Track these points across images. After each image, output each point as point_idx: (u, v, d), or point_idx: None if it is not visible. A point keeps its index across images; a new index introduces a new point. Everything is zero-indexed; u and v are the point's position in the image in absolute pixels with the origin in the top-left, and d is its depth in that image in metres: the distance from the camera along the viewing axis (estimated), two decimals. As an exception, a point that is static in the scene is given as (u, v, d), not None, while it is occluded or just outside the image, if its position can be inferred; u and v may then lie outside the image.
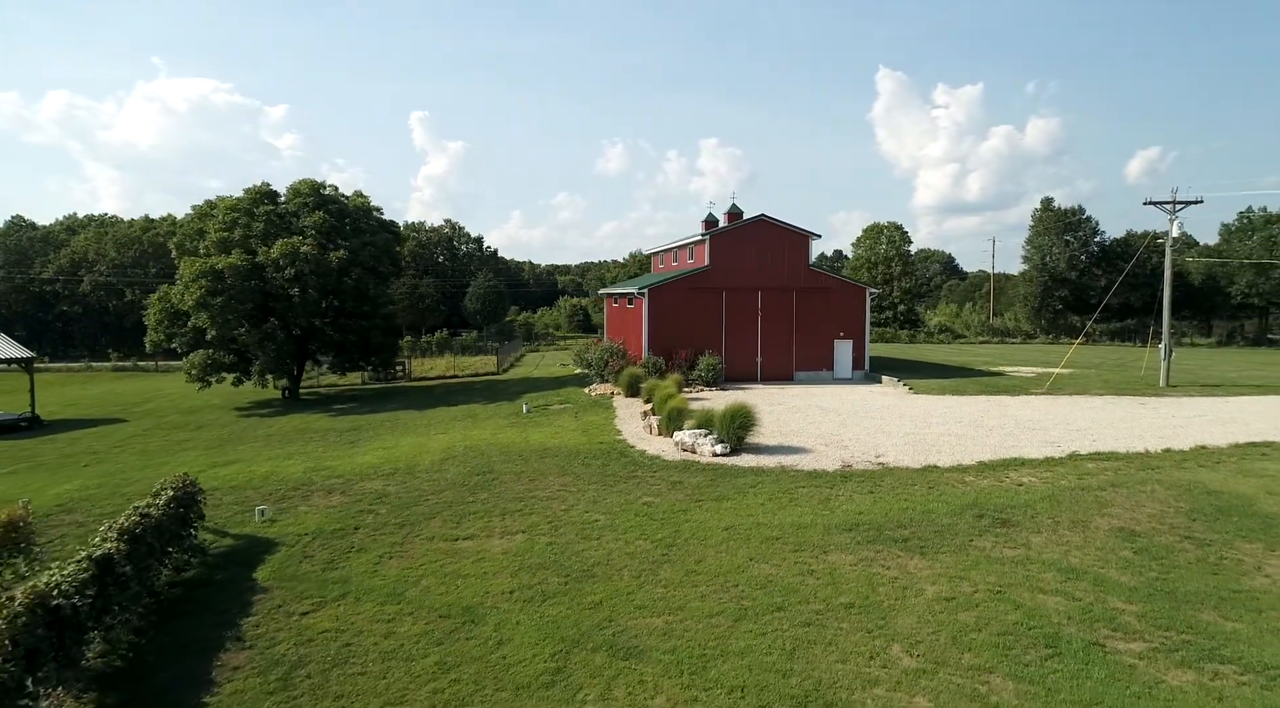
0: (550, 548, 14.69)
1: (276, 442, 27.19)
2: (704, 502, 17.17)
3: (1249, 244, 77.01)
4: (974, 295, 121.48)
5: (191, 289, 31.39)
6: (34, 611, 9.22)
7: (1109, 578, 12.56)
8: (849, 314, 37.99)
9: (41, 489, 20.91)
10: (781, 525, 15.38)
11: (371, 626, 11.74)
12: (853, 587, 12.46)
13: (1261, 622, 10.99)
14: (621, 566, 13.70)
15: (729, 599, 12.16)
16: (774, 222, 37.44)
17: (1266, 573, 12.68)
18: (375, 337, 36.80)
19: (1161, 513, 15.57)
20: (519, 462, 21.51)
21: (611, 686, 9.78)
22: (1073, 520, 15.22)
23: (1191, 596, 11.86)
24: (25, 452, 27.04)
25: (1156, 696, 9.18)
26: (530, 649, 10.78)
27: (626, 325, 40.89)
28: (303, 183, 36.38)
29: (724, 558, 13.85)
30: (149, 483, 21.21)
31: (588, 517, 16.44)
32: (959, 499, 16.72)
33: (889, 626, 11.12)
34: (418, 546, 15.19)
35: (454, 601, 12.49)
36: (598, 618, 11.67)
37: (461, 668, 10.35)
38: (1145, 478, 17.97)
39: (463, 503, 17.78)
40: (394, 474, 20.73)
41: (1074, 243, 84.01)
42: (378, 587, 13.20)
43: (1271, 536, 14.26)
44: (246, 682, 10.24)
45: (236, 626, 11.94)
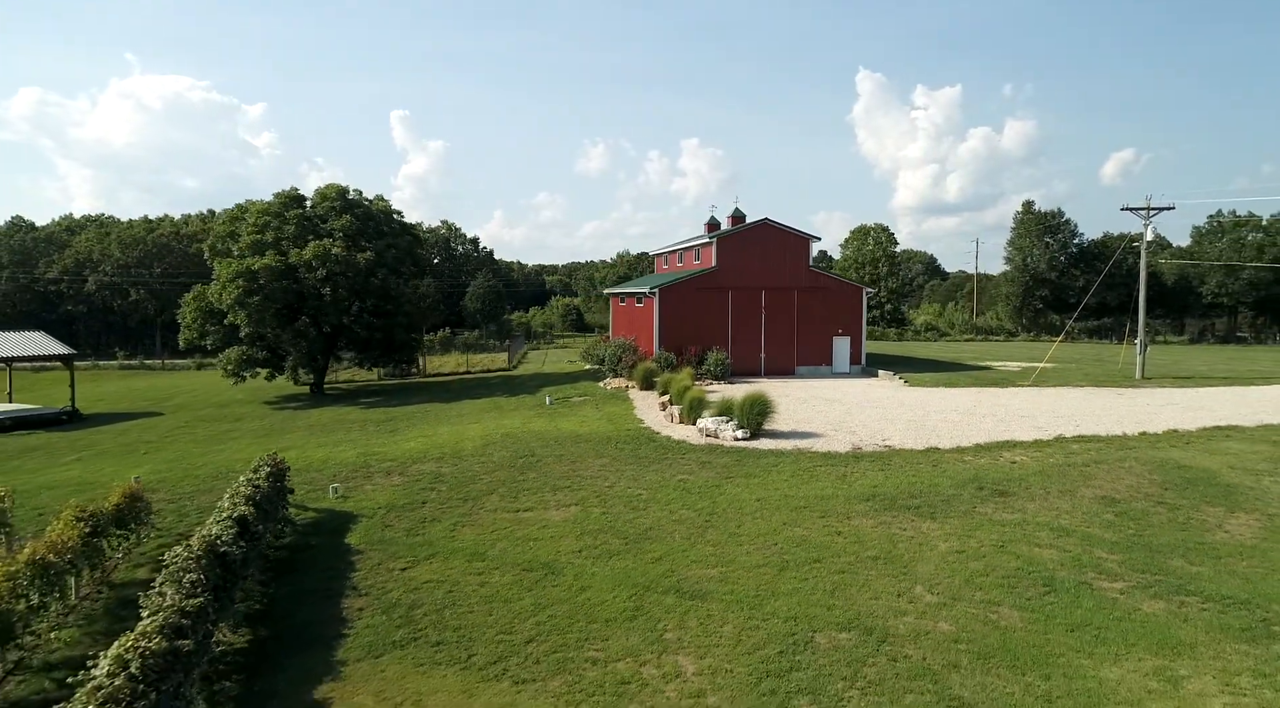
0: (604, 517, 16.52)
1: (319, 431, 28.81)
2: (734, 478, 19.07)
3: (1219, 246, 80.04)
4: (956, 295, 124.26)
5: (229, 289, 32.90)
6: (210, 554, 10.98)
7: (1094, 535, 14.59)
8: (847, 312, 40.10)
9: (117, 473, 22.45)
10: (807, 497, 17.31)
11: (466, 578, 13.52)
12: (876, 544, 14.40)
13: (1220, 566, 13.04)
14: (671, 530, 15.56)
15: (771, 555, 14.05)
16: (777, 225, 39.47)
17: (1226, 530, 14.76)
18: (399, 334, 38.45)
19: (1138, 484, 17.65)
20: (556, 447, 23.30)
21: (684, 619, 11.65)
22: (1061, 490, 17.26)
23: (1163, 547, 13.91)
24: (83, 442, 28.50)
25: (1135, 619, 11.18)
26: (609, 593, 12.62)
27: (635, 323, 42.73)
28: (329, 187, 37.95)
29: (760, 523, 15.75)
30: (213, 467, 22.94)
31: (631, 492, 18.28)
32: (960, 474, 18.73)
33: (911, 572, 13.07)
34: (484, 516, 16.97)
35: (532, 558, 14.31)
36: (660, 570, 13.53)
37: (554, 607, 12.18)
38: (1124, 456, 20.08)
39: (514, 482, 19.56)
40: (443, 458, 22.44)
41: (1054, 245, 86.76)
42: (460, 548, 14.98)
43: (1231, 501, 16.37)
44: (374, 619, 12.01)
45: (347, 579, 13.70)
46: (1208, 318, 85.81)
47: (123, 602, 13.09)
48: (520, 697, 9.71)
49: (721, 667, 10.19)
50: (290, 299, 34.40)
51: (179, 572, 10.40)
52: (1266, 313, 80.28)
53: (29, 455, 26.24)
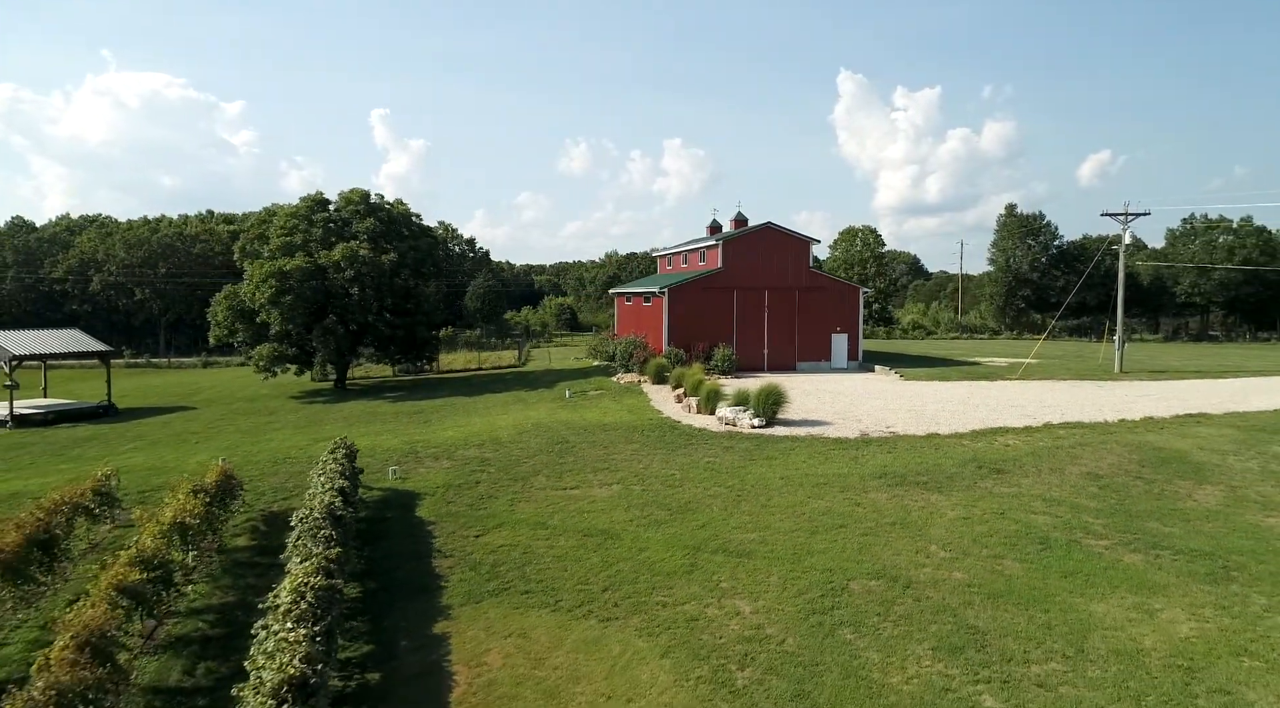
0: (645, 493, 18.32)
1: (355, 422, 30.39)
2: (756, 461, 20.92)
3: (1192, 248, 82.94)
4: (939, 295, 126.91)
5: (262, 289, 34.36)
6: (329, 516, 12.69)
7: (1081, 504, 16.56)
8: (845, 311, 42.11)
9: (179, 460, 24.01)
10: (825, 475, 19.19)
11: (535, 542, 15.28)
12: (892, 513, 16.29)
13: (1189, 527, 15.04)
14: (708, 503, 17.38)
15: (801, 522, 15.91)
16: (779, 228, 41.42)
17: (1195, 499, 16.78)
18: (420, 332, 40.04)
19: (1118, 463, 19.67)
20: (586, 435, 25.05)
21: (735, 572, 13.47)
22: (1051, 468, 19.25)
23: (1140, 513, 15.90)
24: (132, 432, 29.92)
25: (1118, 568, 13.13)
26: (665, 553, 14.42)
27: (643, 321, 44.52)
28: (353, 192, 39.45)
29: (787, 497, 17.61)
30: (269, 454, 24.52)
31: (665, 472, 20.09)
32: (960, 455, 20.69)
33: (925, 534, 14.97)
34: (536, 493, 18.72)
35: (590, 526, 16.08)
36: (706, 534, 15.35)
37: (619, 564, 13.96)
38: (1105, 439, 22.13)
39: (556, 464, 21.30)
40: (484, 445, 24.14)
41: (1035, 246, 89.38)
42: (522, 519, 16.73)
43: (1200, 476, 18.42)
44: (464, 574, 13.75)
45: (429, 544, 15.42)
46: (1181, 317, 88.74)
47: (234, 563, 14.77)
48: (608, 630, 11.49)
49: (773, 607, 12.03)
50: (319, 298, 35.90)
51: (313, 529, 12.13)
52: (1236, 312, 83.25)
53: (86, 445, 27.66)
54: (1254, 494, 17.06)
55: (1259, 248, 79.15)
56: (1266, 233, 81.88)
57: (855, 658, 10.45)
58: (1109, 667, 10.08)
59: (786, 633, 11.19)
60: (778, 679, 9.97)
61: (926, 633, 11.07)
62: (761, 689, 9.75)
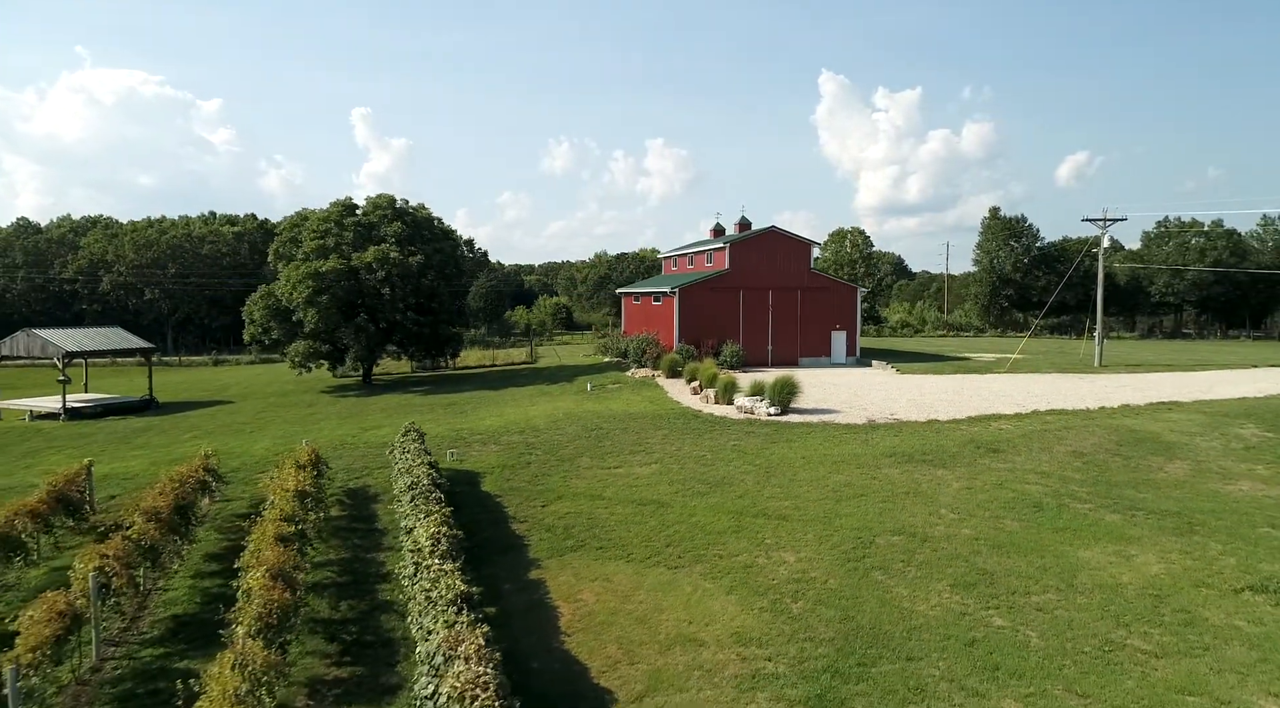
0: (682, 471, 20.43)
1: (394, 413, 32.27)
2: (777, 443, 23.08)
3: (1166, 250, 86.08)
4: (923, 294, 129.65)
5: (299, 289, 36.15)
6: (432, 485, 14.74)
7: (1068, 476, 18.85)
8: (843, 310, 44.43)
9: (244, 447, 25.86)
10: (841, 455, 21.39)
11: (596, 510, 17.35)
12: (904, 484, 18.51)
13: (1160, 493, 17.36)
14: (741, 478, 19.52)
15: (826, 492, 18.08)
16: (782, 232, 43.67)
17: (1165, 472, 19.13)
18: (444, 330, 41.94)
19: (1099, 443, 22.01)
20: (616, 422, 27.11)
21: (776, 531, 15.62)
22: (1040, 448, 21.54)
23: (1119, 482, 18.21)
24: (184, 424, 31.68)
25: (1100, 525, 15.40)
26: (712, 517, 16.54)
27: (651, 319, 46.62)
28: (380, 197, 41.30)
29: (810, 472, 19.78)
30: (327, 441, 26.35)
31: (696, 453, 22.21)
32: (959, 438, 22.96)
33: (935, 501, 17.19)
34: (584, 471, 20.78)
35: (641, 497, 18.18)
36: (745, 502, 17.48)
37: (675, 526, 16.07)
38: (1087, 423, 24.48)
39: (595, 447, 23.36)
40: (523, 432, 26.14)
41: (1018, 248, 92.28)
42: (579, 492, 18.79)
43: (1169, 453, 20.78)
44: (542, 535, 15.81)
45: (503, 513, 17.46)
46: (1156, 315, 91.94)
47: (336, 528, 16.74)
48: (677, 575, 13.61)
49: (814, 557, 14.19)
50: (352, 298, 37.74)
51: (425, 493, 14.20)
52: (1208, 311, 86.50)
53: (147, 434, 29.42)
54: (1215, 467, 19.45)
55: (1229, 250, 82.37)
56: (1236, 236, 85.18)
57: (887, 593, 12.63)
58: (1094, 596, 12.32)
59: (828, 575, 13.35)
60: (826, 608, 12.12)
61: (944, 574, 13.26)
62: (814, 615, 11.90)
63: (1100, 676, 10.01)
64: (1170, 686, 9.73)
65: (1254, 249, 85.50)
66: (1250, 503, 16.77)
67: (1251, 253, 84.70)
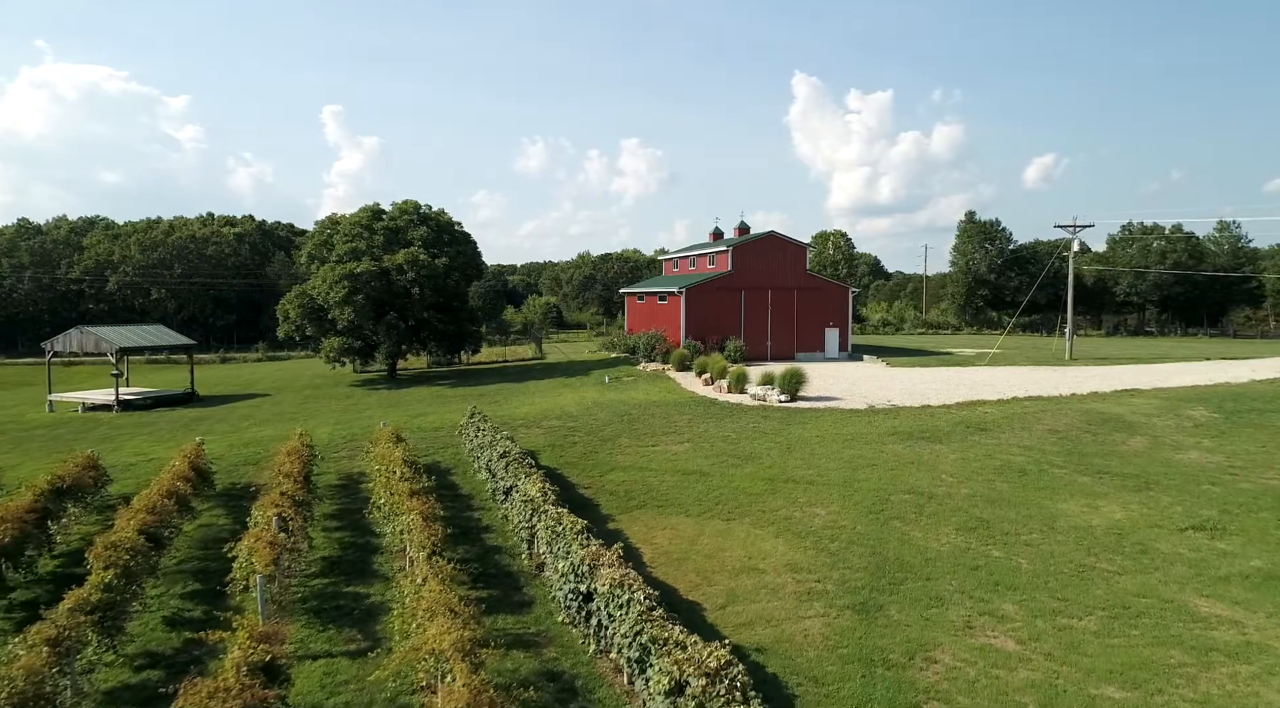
0: (714, 448, 23.12)
1: (432, 403, 34.66)
2: (792, 425, 25.87)
3: (1130, 252, 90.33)
4: (899, 294, 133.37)
5: (336, 289, 38.38)
6: (520, 452, 17.32)
7: (1046, 449, 21.82)
8: (836, 308, 47.42)
9: (310, 431, 28.11)
10: (850, 434, 24.21)
11: (648, 478, 19.99)
12: (908, 456, 21.36)
13: (1123, 462, 20.37)
14: (767, 452, 22.26)
15: (842, 463, 20.88)
16: (781, 236, 46.58)
17: (1127, 445, 22.17)
18: (466, 327, 44.33)
19: (1071, 422, 25.05)
20: (643, 409, 29.75)
21: (806, 492, 18.37)
22: (1022, 427, 24.53)
23: (1089, 454, 21.21)
24: (237, 414, 33.82)
25: (1073, 484, 18.34)
26: (749, 483, 19.26)
27: (657, 317, 49.31)
28: (406, 203, 43.57)
29: (825, 448, 22.57)
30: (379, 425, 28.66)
31: (722, 433, 24.91)
32: (951, 419, 25.89)
33: (936, 469, 20.05)
34: (626, 449, 23.40)
35: (683, 468, 20.86)
36: (774, 471, 20.23)
37: (719, 490, 18.76)
38: (1061, 407, 27.55)
39: (631, 430, 25.98)
40: (561, 417, 28.68)
41: (992, 250, 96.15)
42: (629, 465, 21.41)
43: (1131, 430, 23.85)
44: (608, 497, 18.42)
45: (567, 481, 20.01)
46: (1121, 314, 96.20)
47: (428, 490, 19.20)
48: (731, 525, 16.31)
49: (841, 511, 16.95)
50: (383, 298, 40.03)
51: (517, 461, 16.80)
52: (1169, 310, 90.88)
53: (206, 422, 31.55)
54: (1169, 441, 22.54)
55: (1188, 252, 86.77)
56: (1194, 239, 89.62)
57: (906, 535, 15.42)
58: (1069, 535, 15.21)
59: (855, 524, 16.12)
60: (857, 546, 14.88)
61: (949, 522, 16.09)
62: (849, 551, 14.66)
63: (1075, 587, 12.86)
64: (1128, 592, 12.61)
65: (1211, 252, 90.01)
66: (1196, 467, 19.83)
67: (1209, 255, 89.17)
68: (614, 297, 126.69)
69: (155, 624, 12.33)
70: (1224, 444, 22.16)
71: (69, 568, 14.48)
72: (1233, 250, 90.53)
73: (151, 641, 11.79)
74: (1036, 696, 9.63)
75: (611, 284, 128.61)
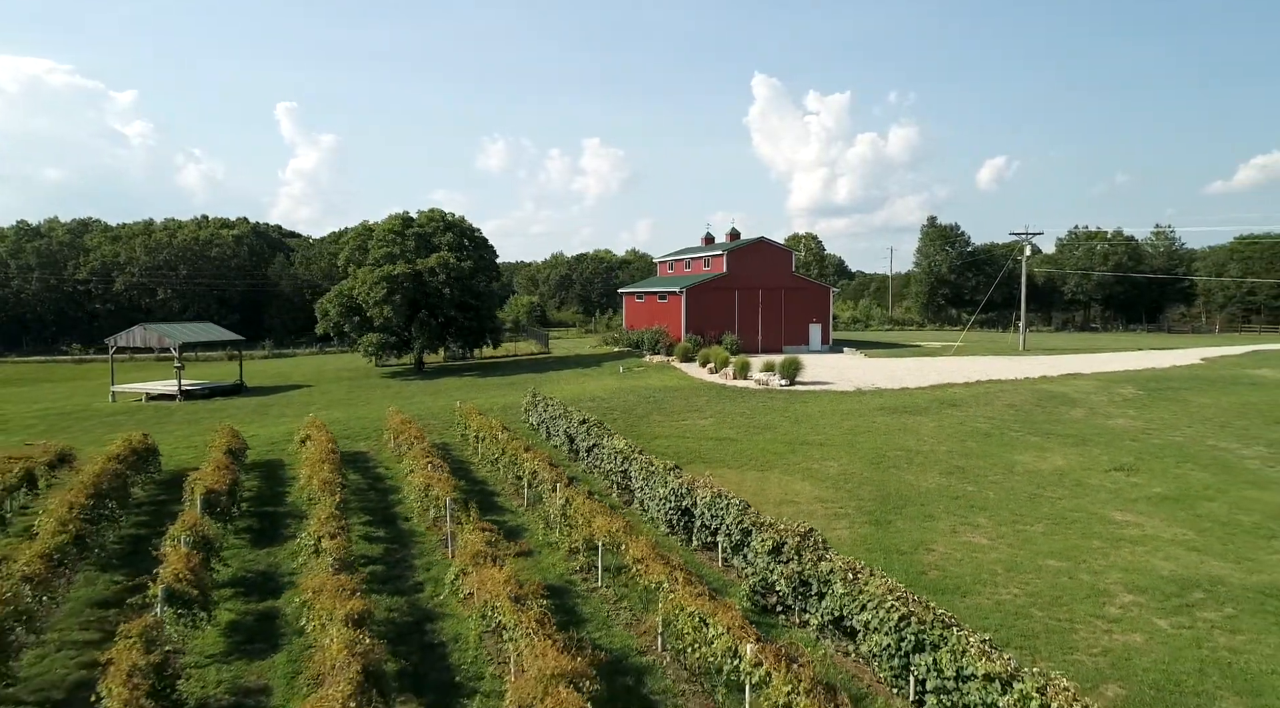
0: (734, 421, 27.35)
1: (471, 390, 38.35)
2: (795, 403, 30.22)
3: (1076, 255, 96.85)
4: (863, 293, 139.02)
5: (375, 290, 41.86)
6: (593, 421, 21.38)
7: (1005, 419, 26.46)
8: (819, 306, 52.07)
9: (372, 414, 31.73)
10: (845, 410, 28.64)
11: (687, 443, 24.12)
12: (896, 426, 25.82)
13: (1065, 426, 25.09)
14: (780, 424, 26.55)
15: (844, 431, 25.25)
16: (771, 242, 51.11)
17: (1069, 416, 26.94)
18: (488, 323, 48.04)
19: (1025, 399, 29.79)
20: (663, 393, 33.86)
21: (819, 452, 22.67)
22: (985, 402, 29.19)
23: (1039, 421, 25.90)
24: (299, 401, 37.16)
25: (1026, 442, 22.96)
26: (771, 446, 23.52)
27: (657, 315, 53.45)
28: (433, 211, 47.16)
29: (828, 421, 26.93)
30: (434, 410, 32.37)
31: (738, 411, 29.15)
32: (927, 398, 30.48)
33: (919, 433, 24.51)
34: (660, 423, 27.50)
35: (713, 436, 25.04)
36: (790, 438, 24.52)
37: (749, 450, 22.97)
38: (1016, 388, 32.34)
39: (659, 409, 30.10)
40: (593, 400, 32.63)
41: (952, 252, 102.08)
42: (668, 435, 25.53)
43: (1072, 404, 28.65)
44: (659, 455, 22.53)
45: (622, 447, 24.05)
46: (1069, 311, 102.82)
47: (510, 459, 23.11)
48: (766, 473, 20.54)
49: (849, 462, 21.28)
50: (416, 297, 43.59)
51: (595, 425, 20.85)
52: (1111, 307, 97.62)
53: (277, 407, 34.91)
54: (1102, 411, 27.37)
55: (1128, 255, 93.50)
56: (1134, 242, 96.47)
57: (901, 478, 19.80)
58: (1024, 476, 19.73)
59: (862, 471, 20.47)
60: (867, 486, 19.21)
61: (934, 469, 20.53)
62: (860, 489, 18.97)
63: (1028, 508, 17.33)
64: (1065, 510, 17.12)
65: (1149, 254, 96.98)
66: (1121, 430, 24.60)
67: (1147, 257, 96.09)
68: (592, 295, 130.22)
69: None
70: (1144, 413, 27.07)
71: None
72: (1168, 253, 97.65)
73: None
74: (1002, 566, 13.99)
75: (588, 283, 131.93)
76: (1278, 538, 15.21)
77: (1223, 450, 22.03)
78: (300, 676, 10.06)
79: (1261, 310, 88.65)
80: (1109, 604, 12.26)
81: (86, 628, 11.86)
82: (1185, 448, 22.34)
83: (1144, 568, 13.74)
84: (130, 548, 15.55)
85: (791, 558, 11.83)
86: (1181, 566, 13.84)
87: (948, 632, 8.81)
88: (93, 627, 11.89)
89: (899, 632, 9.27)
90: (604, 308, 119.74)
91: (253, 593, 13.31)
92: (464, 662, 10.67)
